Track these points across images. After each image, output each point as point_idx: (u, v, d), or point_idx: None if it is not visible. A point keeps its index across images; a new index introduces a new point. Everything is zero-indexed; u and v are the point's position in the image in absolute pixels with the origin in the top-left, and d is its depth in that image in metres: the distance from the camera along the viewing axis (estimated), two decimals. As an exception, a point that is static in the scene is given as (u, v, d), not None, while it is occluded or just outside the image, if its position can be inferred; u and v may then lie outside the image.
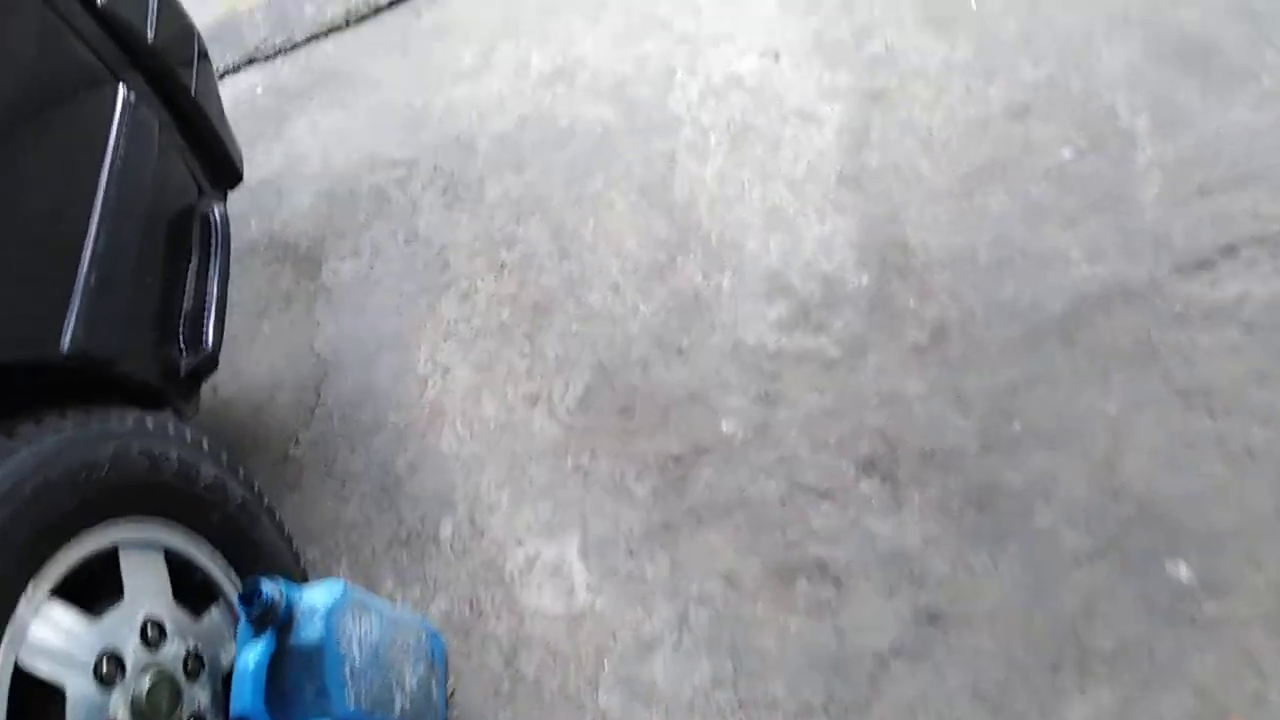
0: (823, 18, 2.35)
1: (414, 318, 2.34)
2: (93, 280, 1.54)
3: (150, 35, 1.85)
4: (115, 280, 1.60)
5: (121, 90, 1.77)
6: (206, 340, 1.81)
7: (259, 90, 3.00)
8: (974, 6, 2.19)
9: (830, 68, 2.27)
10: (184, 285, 1.89)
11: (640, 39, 2.54)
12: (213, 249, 1.96)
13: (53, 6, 1.63)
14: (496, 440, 2.07)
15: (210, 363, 1.81)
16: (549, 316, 2.20)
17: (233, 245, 2.66)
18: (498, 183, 2.48)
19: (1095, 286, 1.77)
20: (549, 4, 2.73)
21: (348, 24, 2.99)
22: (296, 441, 2.29)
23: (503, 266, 2.33)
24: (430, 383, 2.23)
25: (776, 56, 2.34)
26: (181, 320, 1.84)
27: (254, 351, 2.48)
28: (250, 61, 3.07)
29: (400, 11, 2.95)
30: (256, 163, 2.84)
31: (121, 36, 1.80)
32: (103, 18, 1.76)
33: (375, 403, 2.26)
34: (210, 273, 1.91)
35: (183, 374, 1.78)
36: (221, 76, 3.09)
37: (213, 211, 1.99)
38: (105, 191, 1.65)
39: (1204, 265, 1.72)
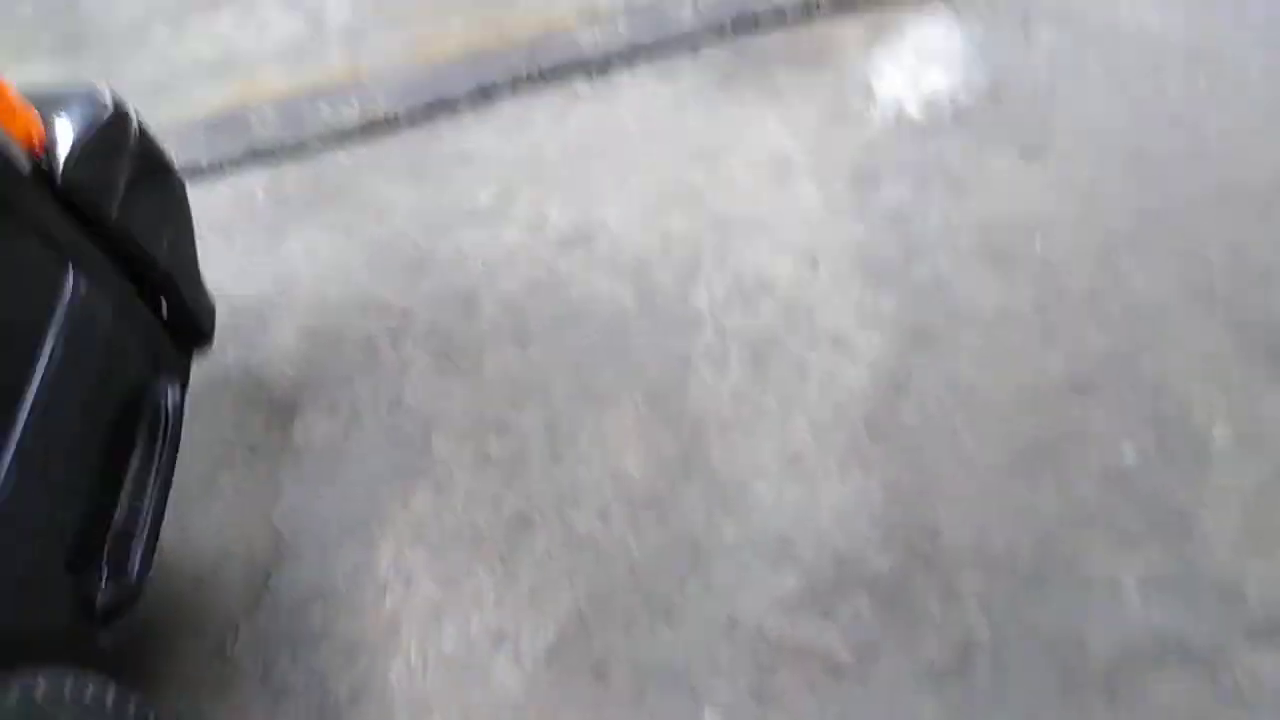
0: (869, 226, 2.13)
1: (384, 505, 2.12)
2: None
3: (115, 209, 1.65)
4: (17, 532, 1.39)
5: (69, 278, 1.57)
6: (132, 569, 1.60)
7: (260, 194, 2.80)
8: (1038, 247, 1.96)
9: (872, 288, 2.04)
10: (119, 493, 1.68)
11: (669, 211, 2.32)
12: (159, 445, 1.74)
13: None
14: (452, 683, 1.84)
15: (131, 596, 1.59)
16: (529, 533, 1.98)
17: (206, 372, 2.47)
18: (497, 355, 2.26)
19: (1149, 635, 1.53)
20: (577, 151, 2.52)
21: (363, 133, 2.79)
22: (236, 634, 2.06)
23: (488, 458, 2.11)
24: (390, 591, 2.00)
25: (814, 263, 2.12)
26: (108, 539, 1.62)
27: (208, 508, 2.26)
28: (255, 158, 2.87)
29: (420, 129, 2.75)
30: (245, 279, 2.64)
31: (81, 214, 1.59)
32: (61, 196, 1.56)
33: (327, 603, 2.03)
34: (150, 477, 1.70)
35: (98, 610, 1.56)
36: (221, 170, 2.89)
37: (166, 397, 1.78)
38: (25, 421, 1.44)
39: (1279, 635, 1.48)
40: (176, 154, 2.91)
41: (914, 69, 2.31)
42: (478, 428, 2.17)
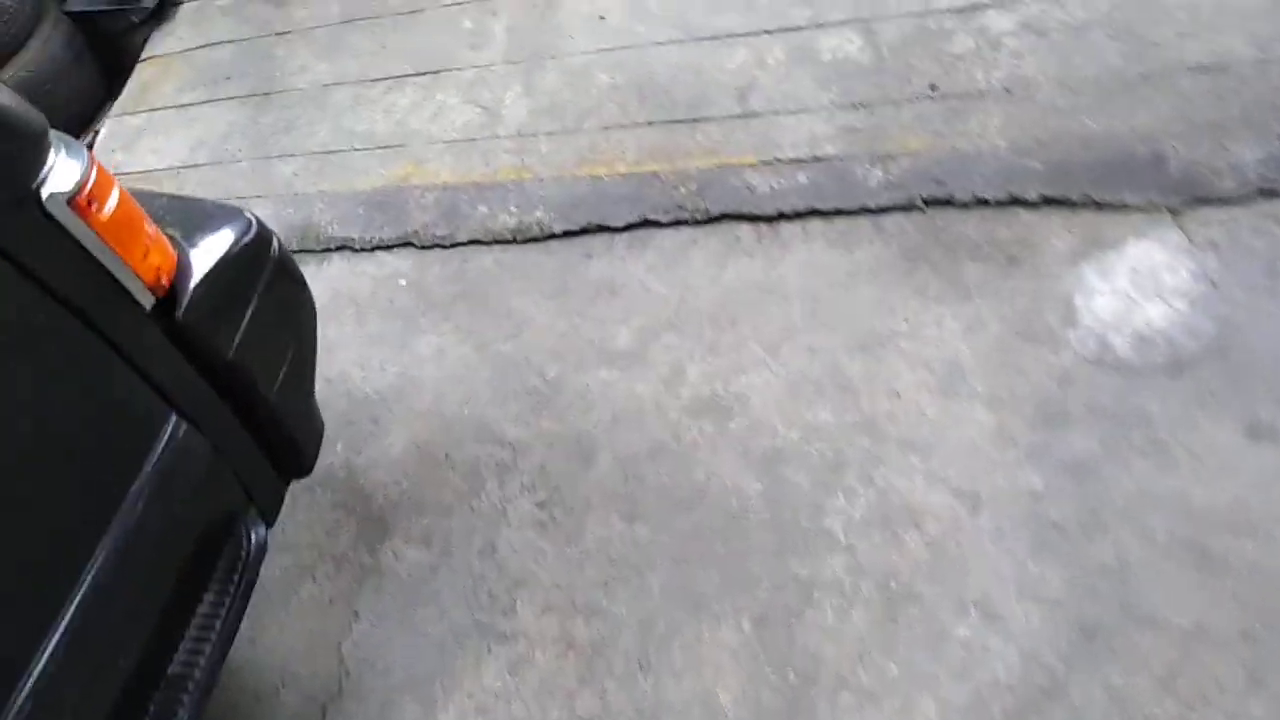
0: (1047, 476, 1.84)
1: (454, 665, 1.97)
2: (25, 711, 1.23)
3: (233, 347, 1.56)
4: (67, 687, 1.29)
5: (170, 420, 1.48)
6: (179, 723, 1.48)
7: (402, 283, 2.74)
8: (1254, 556, 1.63)
9: (1040, 555, 1.76)
10: (181, 639, 1.57)
11: (818, 400, 2.10)
12: (231, 592, 1.63)
13: (99, 329, 1.35)
14: None
15: (170, 765, 1.48)
16: (600, 747, 1.78)
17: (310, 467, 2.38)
18: (602, 523, 2.08)
19: None
20: (730, 306, 2.34)
21: (514, 240, 2.69)
22: (281, 768, 1.95)
23: (571, 645, 1.93)
24: (441, 769, 1.85)
25: (976, 506, 1.85)
26: (159, 688, 1.52)
27: (283, 619, 2.16)
28: (406, 244, 2.82)
29: (572, 247, 2.63)
30: (369, 370, 2.57)
31: (195, 354, 1.51)
32: (177, 335, 1.48)
33: (377, 761, 1.90)
34: (215, 625, 1.59)
35: (132, 773, 1.45)
36: (372, 249, 2.85)
37: (249, 539, 1.68)
38: (99, 567, 1.36)
39: None
40: (334, 225, 2.93)
41: (1127, 294, 2.02)
42: (567, 603, 1.99)
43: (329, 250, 2.91)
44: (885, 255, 2.29)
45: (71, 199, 1.27)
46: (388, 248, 2.85)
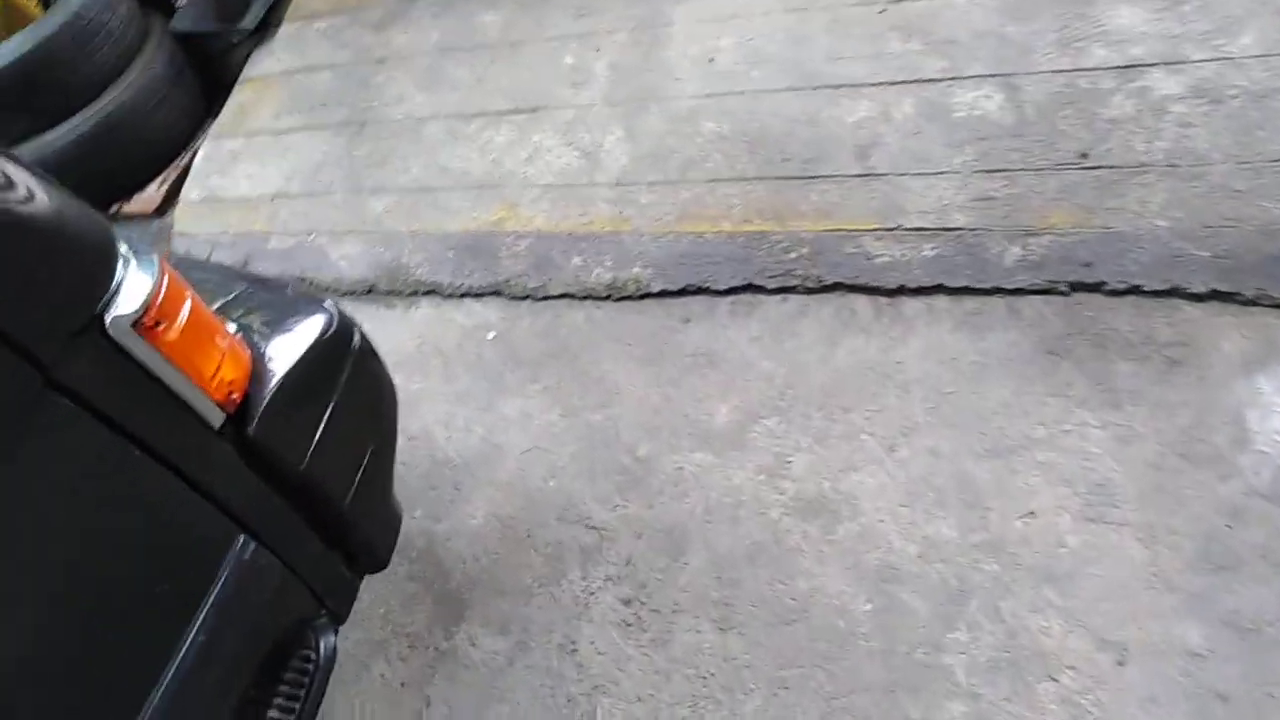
0: (1208, 632, 1.59)
1: (527, 778, 1.84)
2: None
3: (307, 457, 1.44)
4: None
5: (238, 540, 1.38)
6: None
7: (490, 336, 2.62)
8: None
9: (1201, 729, 1.52)
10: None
11: (939, 512, 1.89)
12: (299, 702, 1.53)
13: (161, 456, 1.24)
14: None
15: None
16: None
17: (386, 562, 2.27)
18: (692, 629, 1.92)
19: None
20: (843, 389, 2.14)
21: (609, 297, 2.54)
22: None
23: (653, 769, 1.77)
24: None
25: (1122, 658, 1.62)
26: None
27: (355, 697, 2.07)
28: (496, 293, 2.70)
29: (670, 308, 2.46)
30: (453, 431, 2.45)
31: (265, 468, 1.40)
32: (246, 450, 1.36)
33: None
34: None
35: None
36: (460, 297, 2.74)
37: (319, 647, 1.57)
38: (159, 704, 1.26)
39: None
40: (423, 268, 2.82)
41: (1313, 416, 1.75)
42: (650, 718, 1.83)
43: (417, 294, 2.81)
44: (1021, 345, 2.06)
45: (137, 321, 1.15)
46: (477, 295, 2.74)
